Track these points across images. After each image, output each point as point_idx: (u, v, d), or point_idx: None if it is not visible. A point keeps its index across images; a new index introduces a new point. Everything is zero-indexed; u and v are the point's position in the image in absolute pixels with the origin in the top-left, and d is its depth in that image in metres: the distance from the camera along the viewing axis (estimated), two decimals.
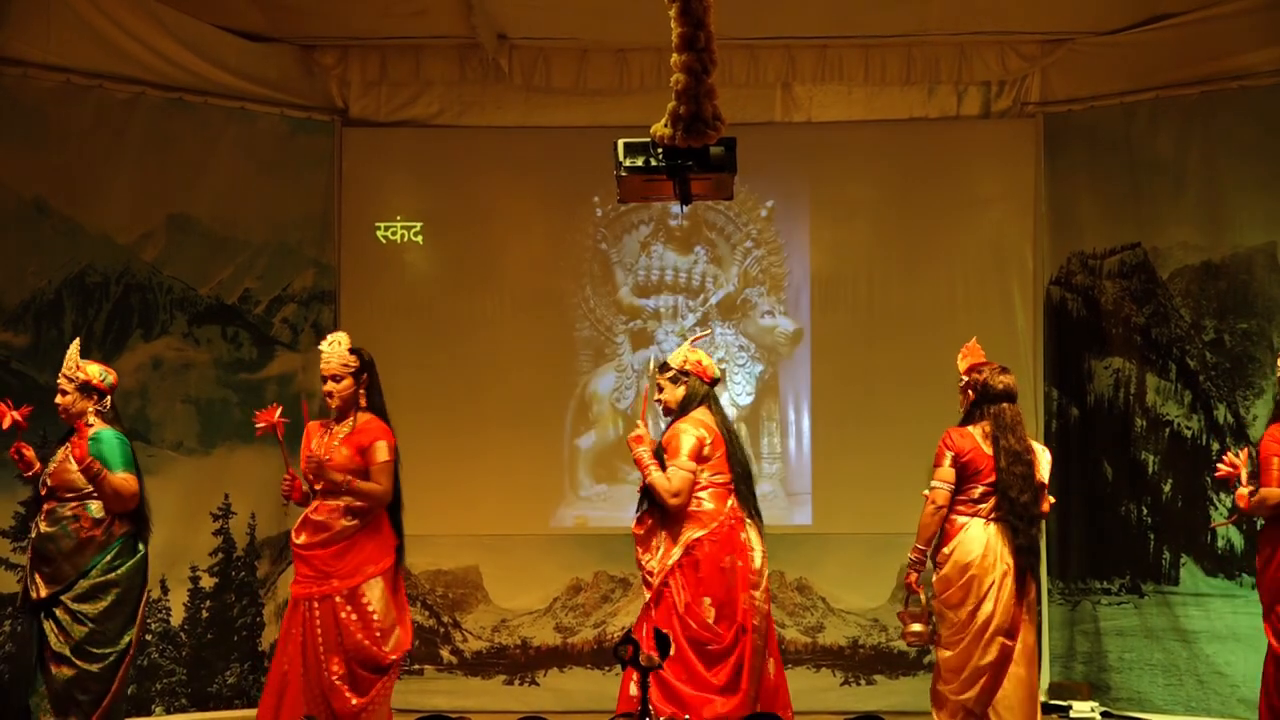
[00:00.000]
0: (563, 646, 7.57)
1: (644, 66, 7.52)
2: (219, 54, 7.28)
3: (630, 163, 4.60)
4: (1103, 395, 7.40)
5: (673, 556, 5.30)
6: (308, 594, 5.33)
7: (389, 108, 7.74)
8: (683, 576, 5.30)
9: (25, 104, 6.73)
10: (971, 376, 5.40)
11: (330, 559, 5.34)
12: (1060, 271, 7.54)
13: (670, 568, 5.29)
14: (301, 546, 5.37)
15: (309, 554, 5.36)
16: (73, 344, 5.44)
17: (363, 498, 5.35)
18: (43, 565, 5.22)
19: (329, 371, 5.46)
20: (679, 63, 4.28)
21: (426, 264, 7.75)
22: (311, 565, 5.34)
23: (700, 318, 7.64)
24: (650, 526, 5.38)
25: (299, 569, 5.40)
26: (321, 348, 5.52)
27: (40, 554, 5.23)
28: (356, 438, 5.40)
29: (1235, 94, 7.01)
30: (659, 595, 5.29)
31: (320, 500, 5.37)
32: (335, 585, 5.31)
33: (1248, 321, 6.99)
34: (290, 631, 5.34)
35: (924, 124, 7.68)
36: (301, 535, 5.38)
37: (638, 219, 7.70)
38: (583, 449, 7.66)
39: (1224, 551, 6.98)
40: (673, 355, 5.58)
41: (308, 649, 5.26)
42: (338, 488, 5.33)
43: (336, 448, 5.40)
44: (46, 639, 5.20)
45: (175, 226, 7.20)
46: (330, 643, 5.27)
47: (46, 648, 5.19)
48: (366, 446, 5.36)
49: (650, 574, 5.33)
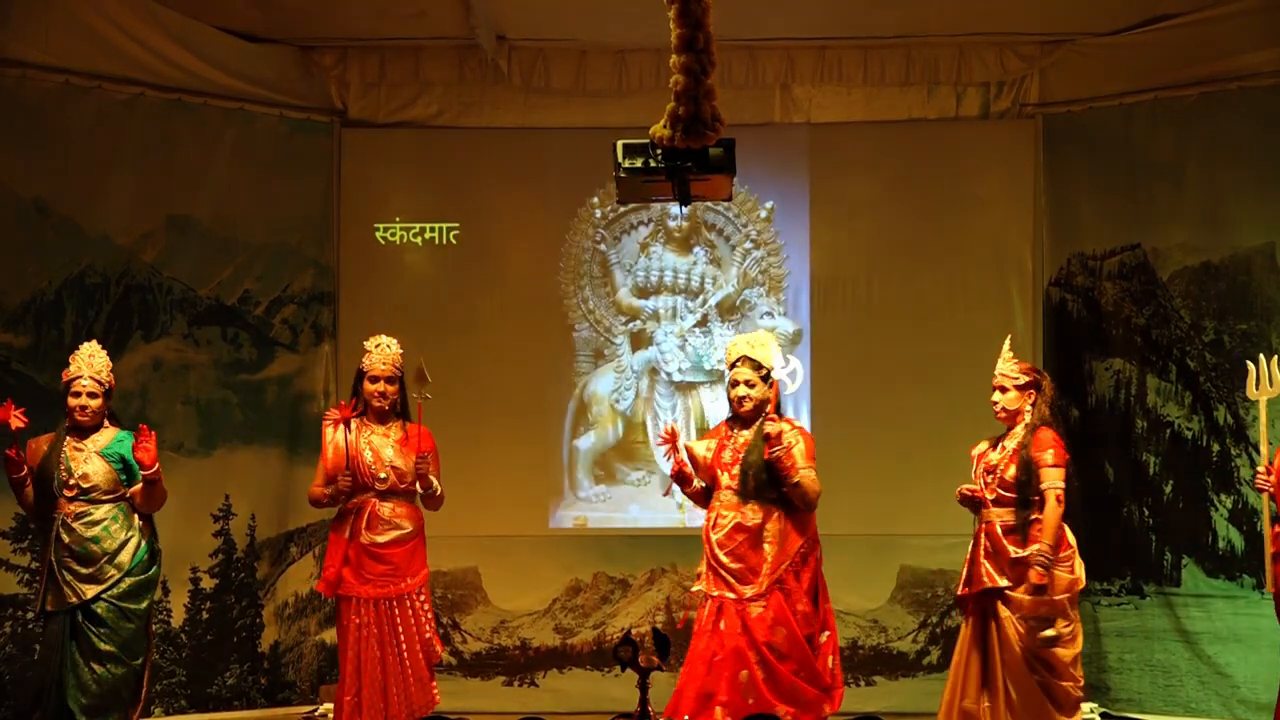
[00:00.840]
0: (562, 648, 7.57)
1: (643, 67, 7.52)
2: (218, 55, 7.28)
3: (629, 164, 4.61)
4: (1103, 396, 7.40)
5: (801, 555, 5.35)
6: (385, 594, 5.50)
7: (388, 109, 7.74)
8: (807, 575, 5.37)
9: (25, 105, 6.73)
10: (1034, 376, 5.49)
11: (405, 557, 5.56)
12: (1060, 272, 7.54)
13: (799, 565, 5.34)
14: (380, 545, 5.51)
15: (386, 552, 5.52)
16: (94, 347, 5.49)
17: (438, 501, 5.65)
18: (82, 566, 5.27)
19: (383, 373, 5.63)
20: (678, 64, 4.29)
21: (426, 265, 7.75)
22: (388, 564, 5.50)
23: (700, 318, 7.63)
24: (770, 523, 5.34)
25: (371, 568, 5.51)
26: (369, 347, 5.66)
27: (79, 556, 5.28)
28: (416, 442, 5.60)
29: (1235, 95, 7.00)
30: (772, 591, 5.28)
31: (385, 501, 5.53)
32: (410, 583, 5.57)
33: (1247, 322, 6.99)
34: (366, 632, 5.43)
35: (923, 125, 7.68)
36: (378, 534, 5.48)
37: (637, 220, 7.70)
38: (582, 450, 7.66)
39: (1225, 552, 6.98)
40: (759, 353, 5.49)
41: (386, 648, 5.39)
42: (431, 491, 5.59)
43: (403, 452, 5.58)
44: (83, 640, 5.25)
45: (175, 227, 7.20)
46: (411, 640, 5.50)
47: (86, 649, 5.24)
48: (427, 452, 5.58)
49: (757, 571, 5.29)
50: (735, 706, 5.21)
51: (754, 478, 5.33)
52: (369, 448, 5.60)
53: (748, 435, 5.44)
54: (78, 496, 5.31)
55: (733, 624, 5.27)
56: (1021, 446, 5.35)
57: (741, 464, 5.38)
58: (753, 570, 5.30)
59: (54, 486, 5.30)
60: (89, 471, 5.33)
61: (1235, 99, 7.00)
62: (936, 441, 7.02)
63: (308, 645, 7.50)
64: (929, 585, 7.42)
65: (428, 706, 5.56)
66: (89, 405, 5.37)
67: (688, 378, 7.64)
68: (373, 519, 5.56)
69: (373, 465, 5.59)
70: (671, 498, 7.59)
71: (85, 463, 5.34)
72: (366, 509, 5.57)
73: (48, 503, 5.34)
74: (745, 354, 5.47)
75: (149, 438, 5.34)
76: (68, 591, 5.26)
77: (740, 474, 5.37)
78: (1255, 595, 6.76)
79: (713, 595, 5.36)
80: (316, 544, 7.54)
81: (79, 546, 5.28)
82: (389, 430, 5.68)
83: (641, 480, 7.68)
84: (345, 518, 5.63)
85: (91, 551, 5.28)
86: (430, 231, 7.70)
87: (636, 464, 7.70)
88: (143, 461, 5.32)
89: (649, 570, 7.62)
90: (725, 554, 5.33)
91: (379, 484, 5.58)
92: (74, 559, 5.27)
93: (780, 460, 5.29)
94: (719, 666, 5.26)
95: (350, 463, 5.55)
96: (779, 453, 5.29)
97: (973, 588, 5.36)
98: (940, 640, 7.43)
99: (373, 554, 5.53)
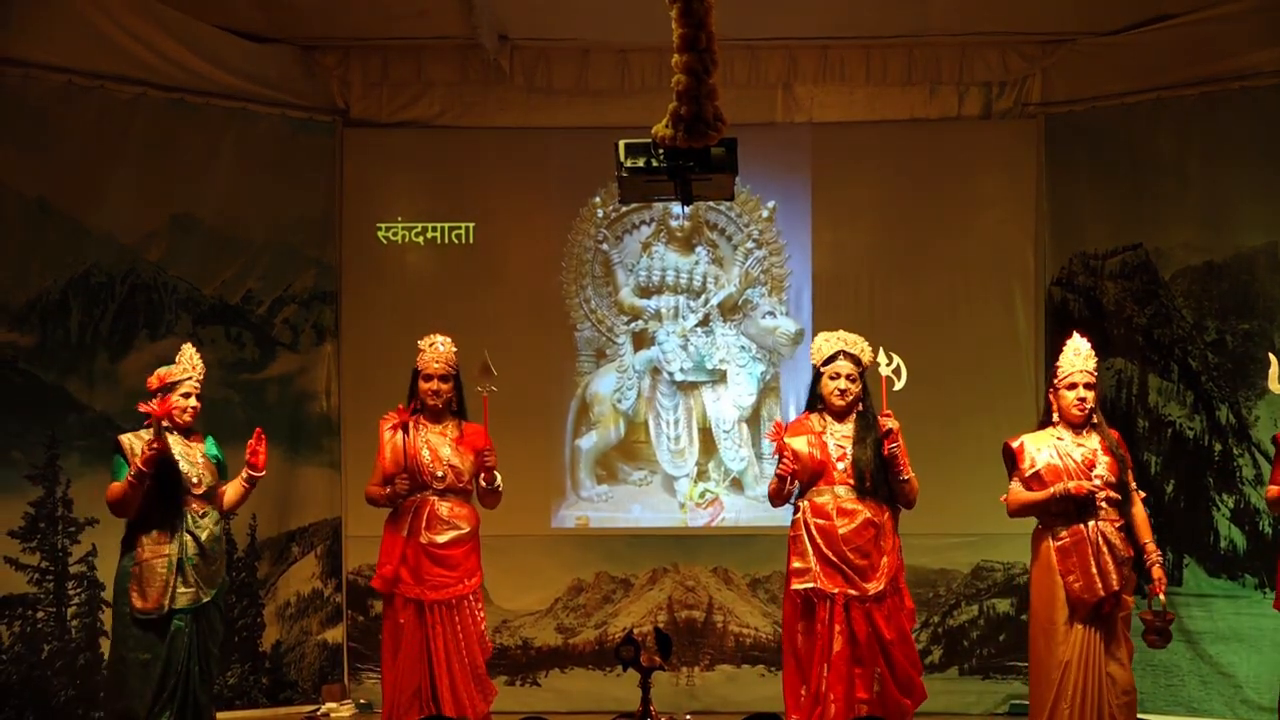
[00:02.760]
0: (564, 647, 7.57)
1: (645, 67, 7.53)
2: (220, 55, 7.28)
3: (631, 163, 4.62)
4: (1105, 396, 7.39)
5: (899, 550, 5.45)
6: (447, 596, 5.51)
7: (390, 108, 7.75)
8: (902, 569, 5.48)
9: (28, 105, 6.73)
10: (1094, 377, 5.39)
11: (465, 558, 5.60)
12: (1062, 272, 7.54)
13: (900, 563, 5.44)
14: (441, 546, 5.54)
15: (448, 553, 5.55)
16: (193, 349, 5.57)
17: (497, 498, 5.71)
18: (207, 566, 5.32)
19: (440, 371, 5.67)
20: (680, 63, 4.30)
21: (428, 265, 7.75)
22: (447, 566, 5.52)
23: (702, 318, 7.64)
24: (887, 519, 5.41)
25: (431, 571, 5.52)
26: (423, 346, 5.67)
27: (207, 555, 5.33)
28: (472, 440, 5.68)
29: (1236, 94, 7.01)
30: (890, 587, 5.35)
31: (443, 500, 5.55)
32: (468, 585, 5.60)
33: (1249, 322, 7.00)
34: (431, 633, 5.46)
35: (925, 124, 7.68)
36: (437, 534, 5.52)
37: (639, 219, 7.71)
38: (584, 449, 7.66)
39: (1227, 552, 6.98)
40: (857, 348, 5.52)
41: (452, 650, 5.42)
42: (494, 487, 5.64)
43: (459, 451, 5.62)
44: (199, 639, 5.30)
45: (179, 227, 7.20)
46: (470, 639, 5.54)
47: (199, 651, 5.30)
48: (484, 449, 5.62)
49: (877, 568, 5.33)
50: (872, 705, 5.25)
51: (872, 475, 5.36)
52: (426, 446, 5.64)
53: (845, 430, 5.45)
54: (202, 495, 5.37)
55: (863, 623, 5.28)
56: (1111, 445, 5.34)
57: (855, 460, 5.38)
58: (873, 567, 5.31)
59: (182, 483, 5.32)
60: (206, 472, 5.42)
61: (1237, 98, 7.00)
62: (938, 441, 7.04)
63: (310, 645, 7.51)
64: (931, 585, 7.42)
65: (489, 699, 5.63)
66: (196, 406, 5.47)
67: (690, 377, 7.65)
68: (431, 518, 5.57)
69: (430, 464, 5.62)
70: (674, 497, 7.64)
71: (198, 463, 5.41)
72: (425, 508, 5.59)
73: (166, 500, 5.29)
74: (843, 349, 5.50)
75: (263, 441, 5.50)
76: (198, 590, 5.29)
77: (857, 470, 5.37)
78: (1257, 595, 6.77)
79: (831, 593, 5.30)
80: (319, 543, 7.56)
81: (211, 546, 5.34)
82: (445, 429, 5.72)
83: (643, 480, 7.68)
84: (402, 516, 5.62)
85: (215, 552, 5.36)
86: (432, 231, 7.70)
87: (638, 464, 7.70)
88: (257, 464, 5.47)
89: (651, 570, 7.63)
90: (852, 550, 5.31)
91: (437, 482, 5.62)
92: (202, 557, 5.31)
93: (897, 457, 5.35)
94: (862, 666, 5.27)
95: (408, 462, 5.57)
96: (897, 449, 5.36)
97: (1106, 590, 5.14)
98: (942, 640, 7.44)
99: (432, 555, 5.54)
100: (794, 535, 5.45)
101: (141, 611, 5.23)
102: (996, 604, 7.44)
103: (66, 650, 6.76)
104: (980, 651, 7.45)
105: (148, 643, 5.25)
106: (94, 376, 6.89)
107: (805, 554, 5.38)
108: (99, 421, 6.78)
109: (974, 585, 7.47)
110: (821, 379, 5.52)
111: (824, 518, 5.36)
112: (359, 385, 7.58)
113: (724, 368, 7.63)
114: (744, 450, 7.60)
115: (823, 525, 5.35)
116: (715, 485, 7.63)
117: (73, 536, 6.81)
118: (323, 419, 7.61)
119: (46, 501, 6.77)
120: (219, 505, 5.49)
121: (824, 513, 5.37)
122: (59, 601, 6.76)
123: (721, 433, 7.61)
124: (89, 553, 6.81)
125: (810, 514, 5.39)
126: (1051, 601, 5.21)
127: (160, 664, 5.23)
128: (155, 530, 5.27)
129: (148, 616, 5.22)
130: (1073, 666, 5.14)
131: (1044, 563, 5.26)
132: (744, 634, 7.55)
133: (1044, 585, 5.25)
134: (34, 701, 6.64)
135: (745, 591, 7.59)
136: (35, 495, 6.74)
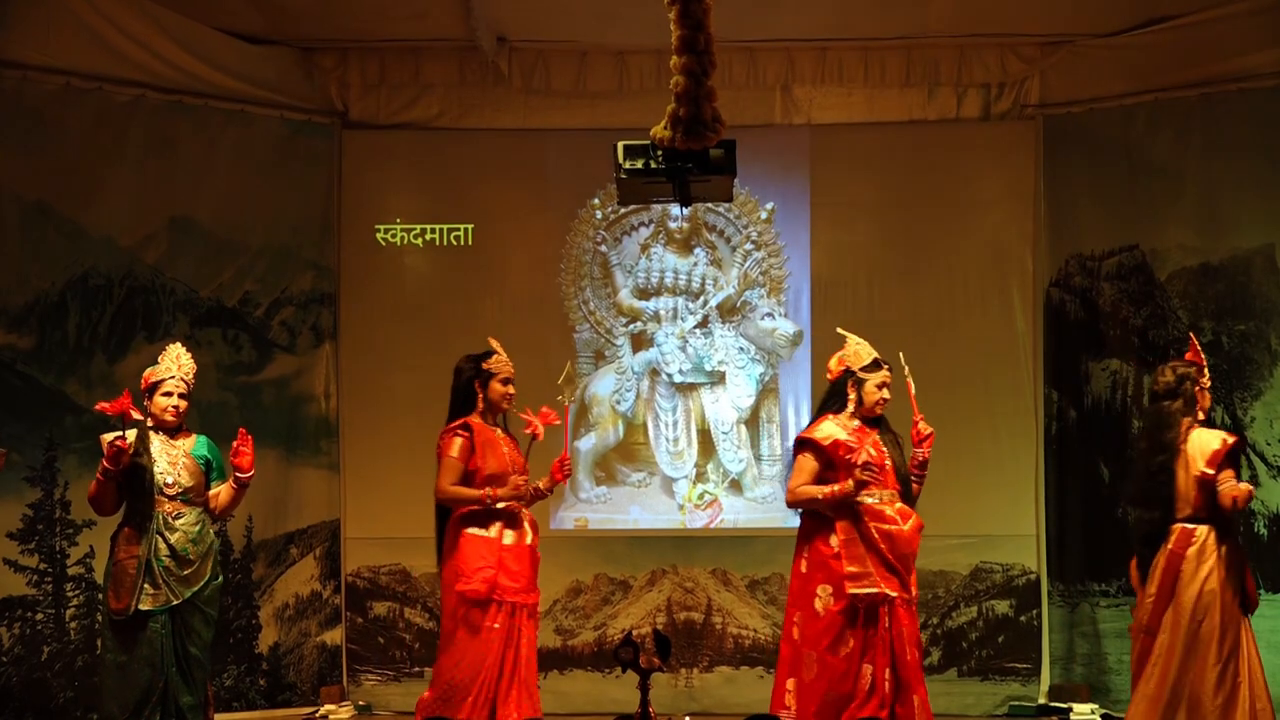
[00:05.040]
0: (563, 649, 7.57)
1: (643, 69, 7.53)
2: (219, 56, 7.28)
3: (630, 165, 4.62)
4: (1100, 397, 7.41)
5: None
6: (526, 601, 5.45)
7: (388, 110, 7.75)
8: None
9: (26, 107, 6.74)
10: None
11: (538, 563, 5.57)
12: (1059, 273, 7.55)
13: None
14: (529, 546, 5.48)
15: (533, 556, 5.50)
16: (180, 348, 5.47)
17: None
18: (182, 568, 5.22)
19: (512, 374, 5.59)
20: (678, 65, 4.30)
21: (426, 266, 7.75)
22: (530, 569, 5.47)
23: (700, 320, 7.64)
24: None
25: (513, 574, 5.40)
26: (495, 347, 5.60)
27: (180, 556, 5.22)
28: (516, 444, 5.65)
29: (1235, 96, 7.02)
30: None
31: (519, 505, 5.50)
32: (537, 591, 5.57)
33: (1245, 323, 7.01)
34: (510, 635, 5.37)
35: (924, 126, 7.69)
36: (527, 536, 5.48)
37: (637, 221, 7.71)
38: (582, 451, 7.66)
39: None
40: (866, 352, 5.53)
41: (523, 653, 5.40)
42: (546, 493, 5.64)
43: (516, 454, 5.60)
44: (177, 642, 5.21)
45: (177, 229, 7.21)
46: (531, 646, 5.49)
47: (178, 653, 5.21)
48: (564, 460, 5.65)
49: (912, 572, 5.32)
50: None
51: (906, 479, 5.38)
52: (505, 446, 5.55)
53: (874, 435, 5.41)
54: (176, 496, 5.28)
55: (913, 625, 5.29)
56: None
57: (898, 466, 5.36)
58: (908, 570, 5.30)
59: (149, 483, 5.23)
60: (185, 473, 5.31)
61: (1235, 100, 7.01)
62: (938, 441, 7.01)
63: (308, 647, 7.50)
64: (930, 586, 7.42)
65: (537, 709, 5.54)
66: (180, 405, 5.36)
67: (689, 379, 7.65)
68: (517, 521, 5.48)
69: (512, 468, 5.53)
70: (672, 499, 7.64)
71: (178, 464, 5.32)
72: (513, 510, 5.49)
73: (137, 500, 5.23)
74: (877, 355, 5.48)
75: (247, 442, 5.36)
76: (167, 592, 5.19)
77: (899, 474, 5.35)
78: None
79: (892, 596, 5.21)
80: (317, 545, 7.55)
81: (183, 547, 5.23)
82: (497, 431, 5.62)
83: (642, 481, 7.68)
84: (488, 519, 5.45)
85: (190, 553, 5.24)
86: (431, 233, 7.71)
87: (637, 465, 7.70)
88: (241, 466, 5.33)
89: (650, 571, 7.62)
90: (910, 552, 5.29)
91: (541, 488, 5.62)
92: (174, 559, 5.22)
93: (927, 461, 5.40)
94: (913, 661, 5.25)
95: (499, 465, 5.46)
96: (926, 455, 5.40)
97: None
98: (941, 641, 7.44)
99: (520, 558, 5.44)
100: (846, 539, 5.21)
101: (115, 612, 5.17)
102: (995, 605, 7.45)
103: (65, 652, 6.76)
104: (979, 653, 7.45)
105: (123, 644, 5.17)
106: (92, 378, 6.89)
107: (861, 558, 5.20)
108: (97, 423, 6.69)
109: (973, 586, 7.47)
110: (865, 384, 5.40)
111: (887, 521, 5.23)
112: (357, 387, 7.58)
113: (723, 369, 7.64)
114: (743, 452, 7.61)
115: (886, 530, 5.21)
116: (714, 487, 7.63)
117: (71, 538, 6.81)
118: (321, 421, 7.61)
119: (45, 503, 6.77)
120: (206, 507, 5.39)
121: (885, 516, 5.24)
122: (58, 603, 6.76)
123: (720, 434, 7.61)
124: (87, 554, 6.81)
125: (869, 518, 5.23)
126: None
127: (137, 665, 5.16)
128: (128, 530, 5.23)
129: (120, 617, 5.16)
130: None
131: None
132: (743, 635, 7.55)
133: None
134: (33, 703, 6.64)
135: (744, 593, 7.59)
136: (33, 497, 6.75)
